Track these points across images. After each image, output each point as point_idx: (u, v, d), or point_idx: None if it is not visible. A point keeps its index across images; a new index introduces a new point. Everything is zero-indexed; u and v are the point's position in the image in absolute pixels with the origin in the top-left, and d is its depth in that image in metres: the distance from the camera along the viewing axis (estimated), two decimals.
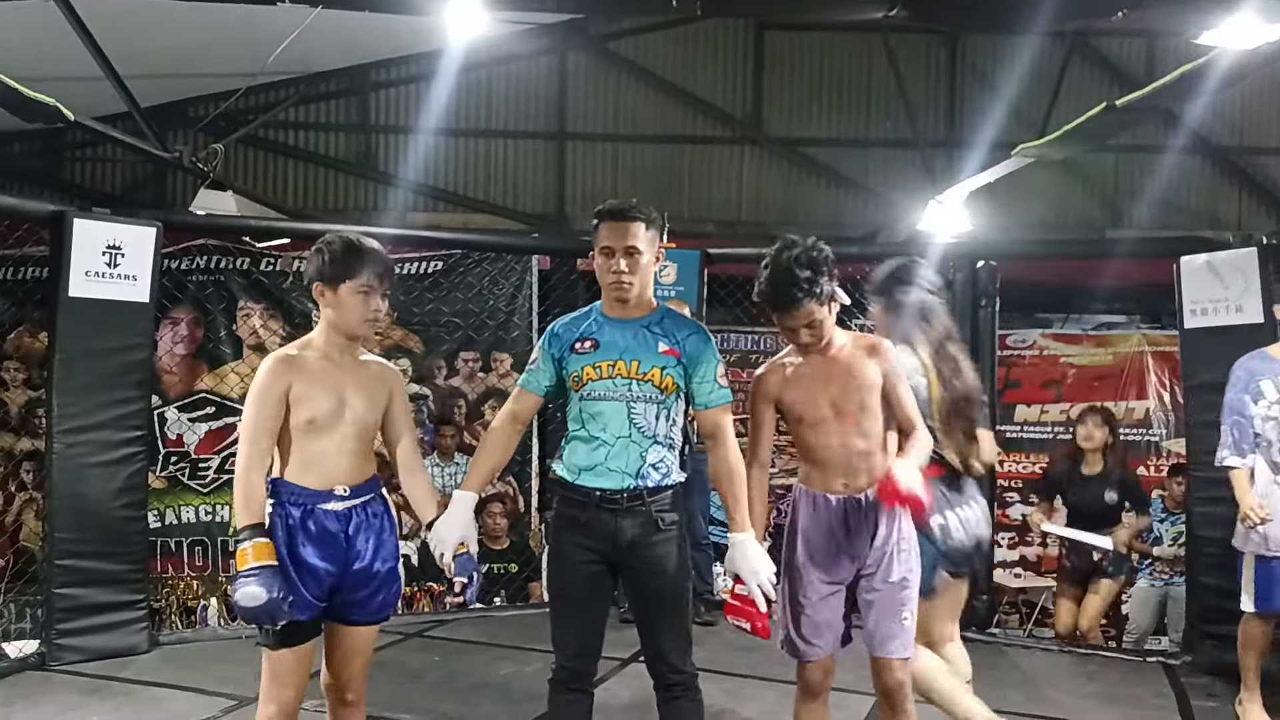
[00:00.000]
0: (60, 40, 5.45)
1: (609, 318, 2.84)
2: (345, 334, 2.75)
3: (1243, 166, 9.80)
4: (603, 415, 2.78)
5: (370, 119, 9.86)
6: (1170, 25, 4.23)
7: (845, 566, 2.90)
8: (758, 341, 7.78)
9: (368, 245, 2.76)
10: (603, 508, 2.77)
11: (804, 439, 2.93)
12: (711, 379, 2.80)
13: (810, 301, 2.79)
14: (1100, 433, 5.29)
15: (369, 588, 2.75)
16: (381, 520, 2.80)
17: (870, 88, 9.78)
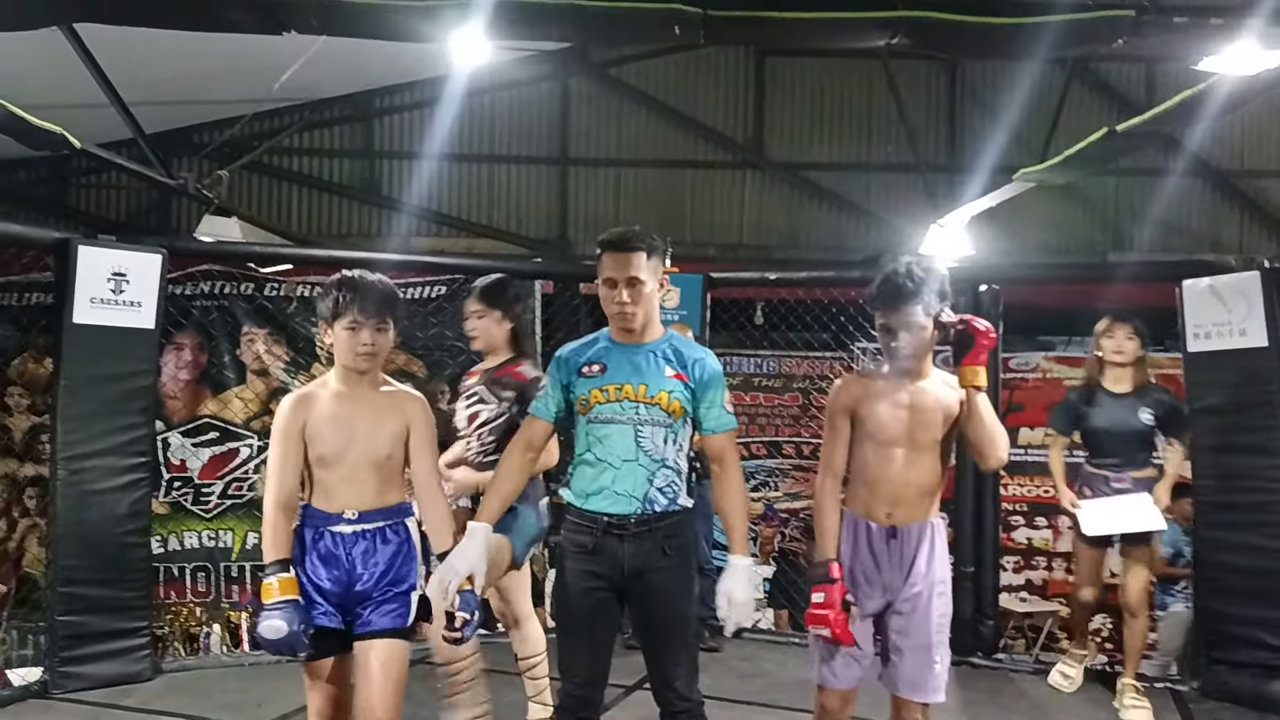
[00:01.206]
0: (66, 68, 5.50)
1: (617, 342, 2.86)
2: (345, 367, 2.82)
3: (1244, 190, 9.84)
4: (609, 439, 2.79)
5: (374, 145, 9.92)
6: (1170, 52, 4.26)
7: (876, 598, 2.86)
8: (761, 365, 7.79)
9: (359, 281, 2.83)
10: (610, 533, 2.77)
11: (866, 456, 2.88)
12: (719, 404, 2.81)
13: (917, 303, 2.78)
14: (1132, 344, 4.48)
15: (371, 604, 2.78)
16: (396, 546, 2.80)
17: (871, 112, 9.83)
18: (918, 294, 2.78)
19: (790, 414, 7.91)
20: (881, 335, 2.86)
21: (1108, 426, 4.46)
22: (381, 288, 2.84)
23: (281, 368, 6.23)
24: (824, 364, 7.80)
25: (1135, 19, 3.37)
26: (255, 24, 3.46)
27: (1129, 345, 4.48)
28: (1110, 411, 4.46)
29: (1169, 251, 9.23)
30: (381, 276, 2.89)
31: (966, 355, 2.74)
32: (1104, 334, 4.55)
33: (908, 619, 2.83)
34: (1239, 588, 4.40)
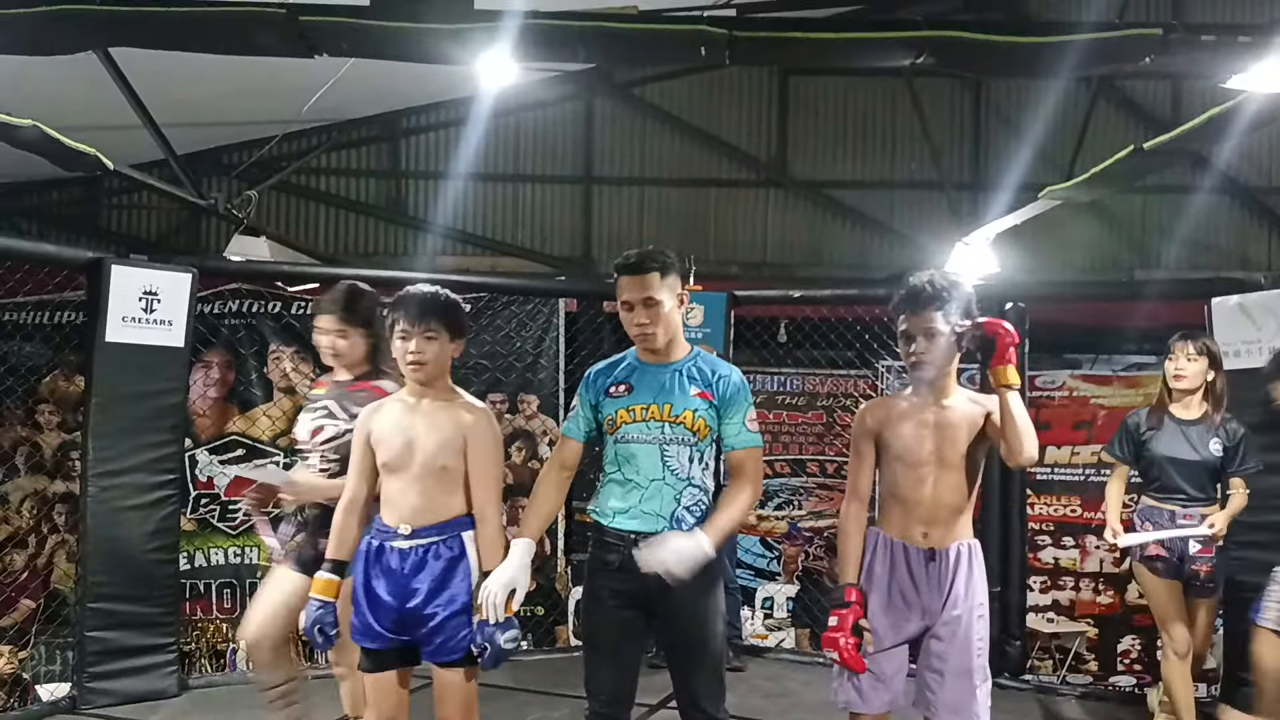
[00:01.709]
0: (100, 90, 5.60)
1: (643, 362, 2.88)
2: (407, 378, 2.91)
3: (1272, 207, 9.74)
4: (636, 458, 2.80)
5: (401, 164, 10.00)
6: (1198, 70, 4.24)
7: (914, 621, 2.83)
8: (784, 383, 7.77)
9: (408, 291, 2.91)
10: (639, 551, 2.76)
11: (895, 478, 2.87)
12: (740, 422, 2.81)
13: (937, 308, 2.77)
14: (1194, 366, 4.05)
15: (427, 627, 2.79)
16: (449, 562, 2.80)
17: (894, 130, 9.82)
18: (937, 299, 2.78)
19: (814, 432, 7.88)
20: (902, 344, 2.85)
21: (1171, 456, 4.08)
22: (428, 296, 2.87)
23: (308, 385, 6.28)
24: (848, 382, 7.77)
25: (1163, 37, 3.37)
26: (287, 48, 3.51)
27: (1191, 368, 4.07)
28: (1175, 440, 4.08)
29: (1197, 269, 9.16)
30: (439, 289, 2.92)
31: (994, 356, 2.71)
32: (1167, 354, 4.18)
33: (947, 643, 2.79)
34: None
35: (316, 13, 3.41)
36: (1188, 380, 4.07)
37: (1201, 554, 3.99)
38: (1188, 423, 4.10)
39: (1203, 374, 4.07)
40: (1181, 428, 4.10)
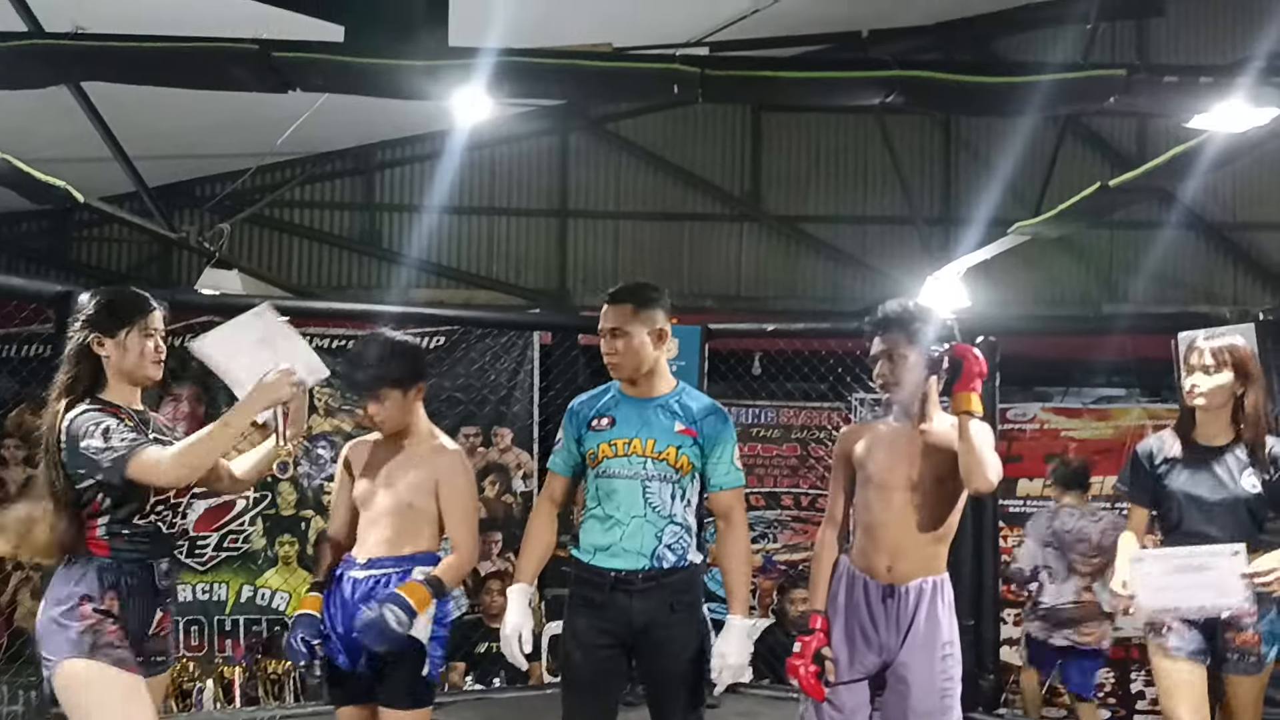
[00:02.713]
0: (71, 122, 5.58)
1: (625, 395, 2.87)
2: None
3: (1237, 242, 9.91)
4: (617, 494, 2.78)
5: (375, 197, 9.98)
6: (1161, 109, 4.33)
7: (870, 659, 2.79)
8: (759, 415, 7.78)
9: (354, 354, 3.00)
10: (618, 589, 2.75)
11: (866, 504, 2.85)
12: (728, 460, 2.81)
13: (905, 331, 2.79)
14: (1216, 379, 3.06)
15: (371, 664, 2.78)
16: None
17: (866, 166, 9.93)
18: (902, 324, 2.80)
19: (789, 464, 7.89)
20: (873, 367, 2.87)
21: (1191, 493, 3.11)
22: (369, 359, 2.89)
23: None
24: (822, 414, 7.80)
25: (1126, 78, 3.43)
26: (260, 83, 3.51)
27: (1207, 382, 3.07)
28: (1197, 473, 3.11)
29: (1164, 304, 9.29)
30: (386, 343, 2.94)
31: (957, 382, 2.70)
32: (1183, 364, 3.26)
33: (909, 684, 2.74)
34: None
35: (290, 48, 3.42)
36: (1206, 397, 3.07)
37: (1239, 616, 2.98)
38: (1213, 450, 3.10)
39: (1228, 388, 3.06)
40: (1206, 457, 3.11)
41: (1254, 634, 2.99)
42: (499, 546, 6.38)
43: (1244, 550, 2.91)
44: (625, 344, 2.80)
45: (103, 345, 2.63)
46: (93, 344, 2.62)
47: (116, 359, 2.65)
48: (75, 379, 2.62)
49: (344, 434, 6.27)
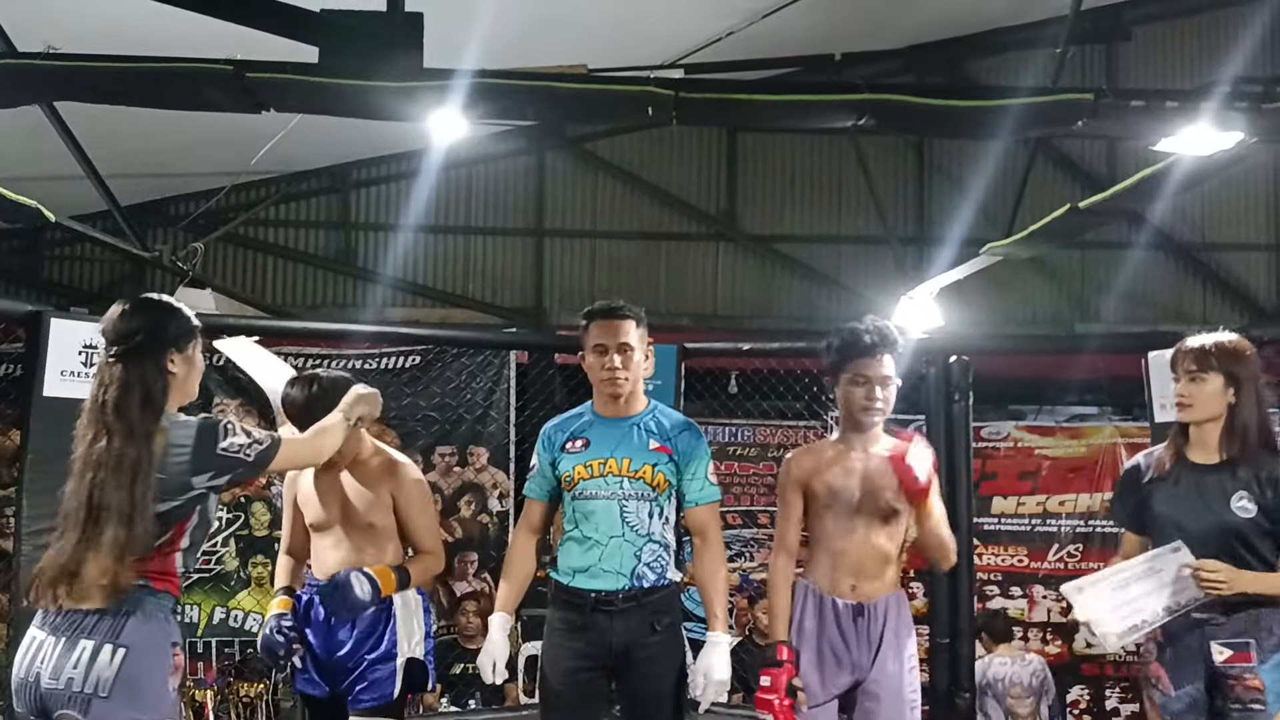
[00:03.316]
0: (42, 140, 5.54)
1: (600, 416, 2.87)
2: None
3: (1205, 262, 10.05)
4: (595, 515, 2.78)
5: (351, 216, 9.96)
6: (1129, 132, 4.39)
7: (844, 677, 2.80)
8: (735, 434, 7.80)
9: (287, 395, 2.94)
10: (598, 610, 2.75)
11: (824, 527, 2.84)
12: (702, 476, 2.81)
13: (891, 353, 2.79)
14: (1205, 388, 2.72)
15: (351, 677, 2.85)
16: (375, 615, 2.85)
17: (841, 186, 10.01)
18: (890, 344, 2.80)
19: (765, 483, 7.90)
20: (850, 391, 2.82)
21: (1176, 517, 2.76)
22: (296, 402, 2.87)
23: None
24: (798, 433, 7.81)
25: (1094, 102, 3.48)
26: (234, 103, 3.51)
27: (1196, 391, 2.74)
28: (1186, 493, 2.76)
29: (1134, 323, 9.40)
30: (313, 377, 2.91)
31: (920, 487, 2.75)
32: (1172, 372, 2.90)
33: (880, 699, 2.77)
34: None
35: (264, 69, 3.41)
36: (1194, 409, 2.74)
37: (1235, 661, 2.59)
38: (1206, 470, 2.75)
39: (1219, 397, 2.70)
40: (1196, 477, 2.76)
41: (1256, 679, 2.58)
42: (474, 566, 6.34)
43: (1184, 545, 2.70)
44: (629, 359, 2.81)
45: (174, 362, 2.44)
46: (167, 362, 2.42)
47: (183, 375, 2.48)
48: (150, 400, 2.36)
49: None
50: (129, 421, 2.30)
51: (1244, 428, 2.70)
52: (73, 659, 2.21)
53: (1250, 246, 10.06)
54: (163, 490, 2.30)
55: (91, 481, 2.30)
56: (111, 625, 2.23)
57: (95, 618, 2.23)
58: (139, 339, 2.39)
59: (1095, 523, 7.30)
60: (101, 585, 2.22)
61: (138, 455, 2.28)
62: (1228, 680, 2.63)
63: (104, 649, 2.21)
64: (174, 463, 2.32)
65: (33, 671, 2.25)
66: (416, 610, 2.94)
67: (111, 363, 2.39)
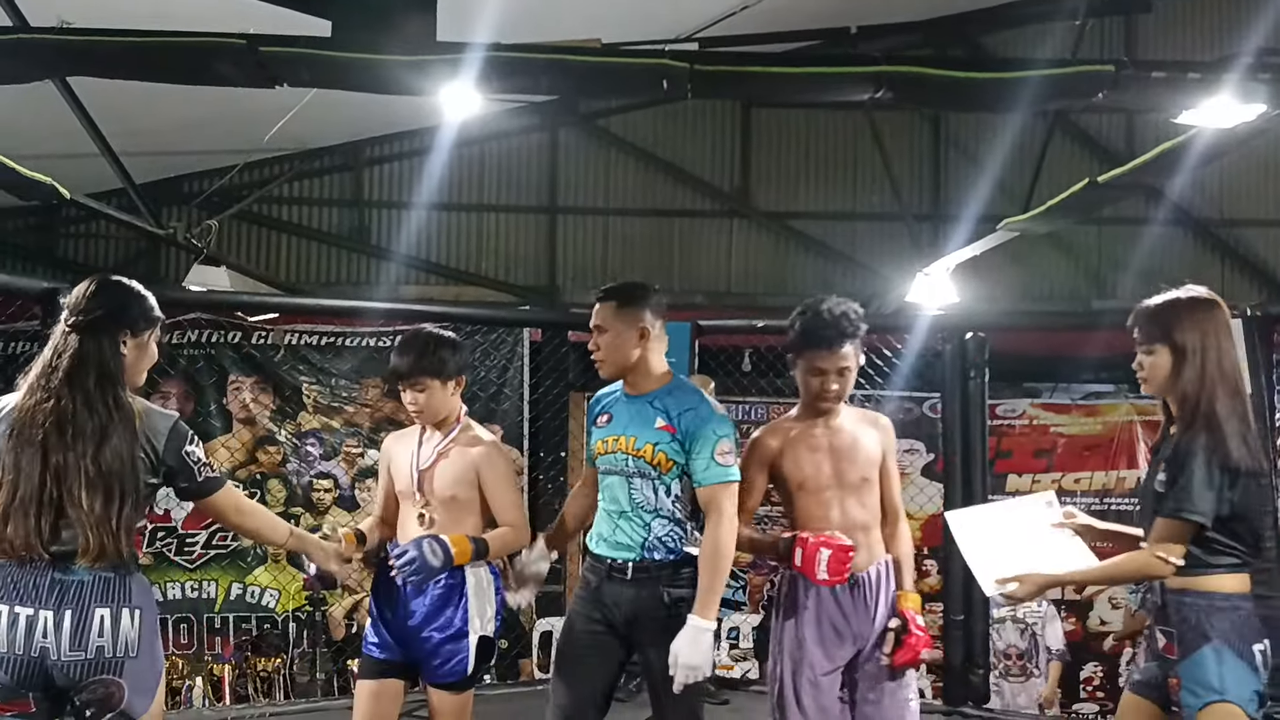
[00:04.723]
0: (58, 118, 5.54)
1: (626, 394, 2.93)
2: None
3: (1223, 238, 9.96)
4: (611, 489, 2.88)
5: (364, 194, 9.95)
6: (1150, 105, 4.34)
7: (846, 647, 2.83)
8: (749, 411, 7.78)
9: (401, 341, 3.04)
10: (612, 577, 2.83)
11: (803, 508, 2.87)
12: (708, 456, 2.79)
13: (850, 343, 2.81)
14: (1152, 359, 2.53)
15: (424, 650, 2.91)
16: (447, 589, 2.90)
17: (856, 162, 9.94)
18: (852, 334, 2.81)
19: None
20: (807, 380, 2.84)
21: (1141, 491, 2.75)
22: (414, 348, 2.98)
23: (268, 416, 6.21)
24: None
25: (1114, 74, 3.44)
26: (247, 78, 3.50)
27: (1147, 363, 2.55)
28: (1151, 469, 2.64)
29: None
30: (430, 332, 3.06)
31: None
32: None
33: (879, 664, 2.82)
34: None
35: (277, 43, 3.40)
36: (1149, 383, 2.57)
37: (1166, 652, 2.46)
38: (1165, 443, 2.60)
39: (1164, 367, 2.50)
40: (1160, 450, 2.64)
41: (1175, 676, 2.41)
42: None
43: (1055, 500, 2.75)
44: (603, 340, 2.86)
45: (125, 343, 2.42)
46: (121, 341, 2.41)
47: (133, 360, 2.45)
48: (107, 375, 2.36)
49: (334, 431, 6.26)
50: (85, 391, 2.31)
51: (1183, 397, 2.46)
52: (95, 628, 2.25)
53: (1270, 222, 9.95)
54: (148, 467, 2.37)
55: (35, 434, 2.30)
56: (120, 590, 2.30)
57: (99, 584, 2.28)
58: (97, 314, 2.39)
59: (1111, 500, 7.27)
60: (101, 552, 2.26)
61: (101, 425, 2.29)
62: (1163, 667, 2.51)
63: (123, 613, 2.28)
64: (148, 444, 2.37)
65: (34, 647, 2.24)
66: (489, 589, 2.98)
67: (67, 333, 2.38)
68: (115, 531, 2.27)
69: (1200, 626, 2.36)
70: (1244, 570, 2.40)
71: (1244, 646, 2.34)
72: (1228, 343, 2.46)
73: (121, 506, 2.28)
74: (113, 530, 2.27)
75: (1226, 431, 2.37)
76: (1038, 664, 5.71)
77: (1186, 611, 2.39)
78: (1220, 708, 2.32)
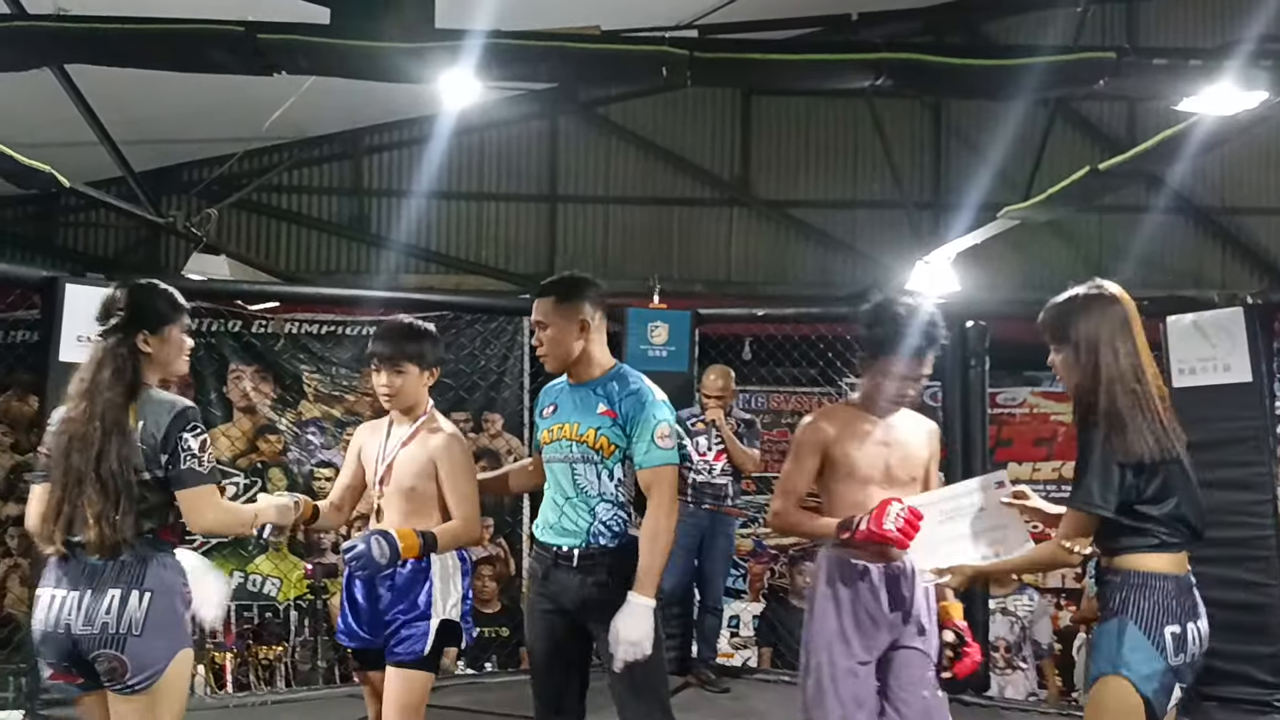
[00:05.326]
0: (56, 106, 5.53)
1: (569, 384, 2.99)
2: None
3: (1225, 226, 9.95)
4: (554, 476, 2.95)
5: (363, 182, 9.94)
6: (1151, 92, 4.32)
7: (882, 637, 2.85)
8: (749, 400, 7.79)
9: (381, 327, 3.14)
10: (559, 564, 2.88)
11: (846, 497, 2.86)
12: (648, 439, 2.83)
13: (933, 353, 2.84)
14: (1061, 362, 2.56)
15: (389, 630, 3.00)
16: (413, 574, 2.99)
17: (856, 150, 9.92)
18: (937, 344, 2.83)
19: (779, 449, 7.89)
20: (881, 381, 2.85)
21: None
22: (397, 331, 3.09)
23: (268, 405, 6.21)
24: (812, 399, 7.80)
25: (1116, 61, 3.43)
26: (244, 65, 3.49)
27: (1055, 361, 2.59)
28: None
29: (1152, 287, 9.28)
30: (411, 321, 3.15)
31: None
32: None
33: (913, 653, 2.84)
34: (1226, 623, 4.37)
35: (275, 30, 3.39)
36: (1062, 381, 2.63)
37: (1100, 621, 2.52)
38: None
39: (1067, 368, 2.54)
40: None
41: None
42: (490, 532, 6.37)
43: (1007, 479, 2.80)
44: (546, 336, 2.93)
45: (148, 343, 2.64)
46: (140, 342, 2.63)
47: (159, 355, 2.67)
48: (135, 377, 2.60)
49: (334, 420, 6.26)
50: (101, 398, 2.55)
51: (1080, 394, 2.48)
52: (104, 606, 2.49)
53: (1271, 210, 9.93)
54: (146, 460, 2.54)
55: (67, 444, 2.56)
56: (133, 573, 2.52)
57: (116, 569, 2.52)
58: (113, 322, 2.63)
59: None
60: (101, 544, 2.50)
61: (103, 429, 2.53)
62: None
63: (132, 594, 2.51)
64: (149, 434, 2.55)
65: (61, 623, 2.51)
66: (454, 574, 3.05)
67: (96, 339, 2.66)
68: (115, 525, 2.50)
69: (1109, 601, 2.43)
70: (1166, 550, 2.41)
71: (1151, 625, 2.35)
72: (1124, 338, 2.45)
73: (118, 503, 2.51)
74: (112, 524, 2.50)
75: (1128, 426, 2.38)
76: (1024, 657, 5.72)
77: (1104, 588, 2.48)
78: (1112, 680, 2.36)
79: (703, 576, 5.23)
